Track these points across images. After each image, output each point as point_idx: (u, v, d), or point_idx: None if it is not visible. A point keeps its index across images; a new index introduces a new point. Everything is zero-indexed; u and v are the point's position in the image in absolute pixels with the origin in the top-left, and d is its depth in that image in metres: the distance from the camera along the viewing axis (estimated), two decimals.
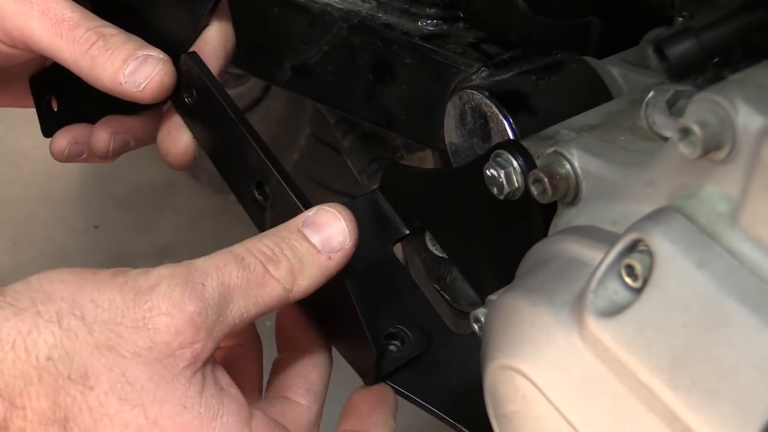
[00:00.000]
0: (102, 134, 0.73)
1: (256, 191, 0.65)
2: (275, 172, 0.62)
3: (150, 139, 0.74)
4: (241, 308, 0.54)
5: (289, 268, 0.55)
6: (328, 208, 0.58)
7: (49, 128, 0.78)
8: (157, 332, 0.50)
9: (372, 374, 0.64)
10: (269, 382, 0.64)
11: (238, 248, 0.55)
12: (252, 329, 0.65)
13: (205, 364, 0.52)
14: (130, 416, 0.49)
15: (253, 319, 0.55)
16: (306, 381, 0.63)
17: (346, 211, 0.58)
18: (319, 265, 0.56)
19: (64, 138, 0.76)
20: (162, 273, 0.52)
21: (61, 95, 0.77)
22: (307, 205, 0.60)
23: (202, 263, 0.54)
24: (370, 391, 0.64)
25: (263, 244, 0.56)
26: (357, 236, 0.58)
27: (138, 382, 0.50)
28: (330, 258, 0.57)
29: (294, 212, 0.59)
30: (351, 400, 0.64)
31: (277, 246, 0.56)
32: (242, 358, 0.63)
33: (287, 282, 0.55)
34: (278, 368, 0.64)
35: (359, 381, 0.66)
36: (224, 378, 0.55)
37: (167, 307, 0.51)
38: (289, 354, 0.64)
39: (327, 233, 0.57)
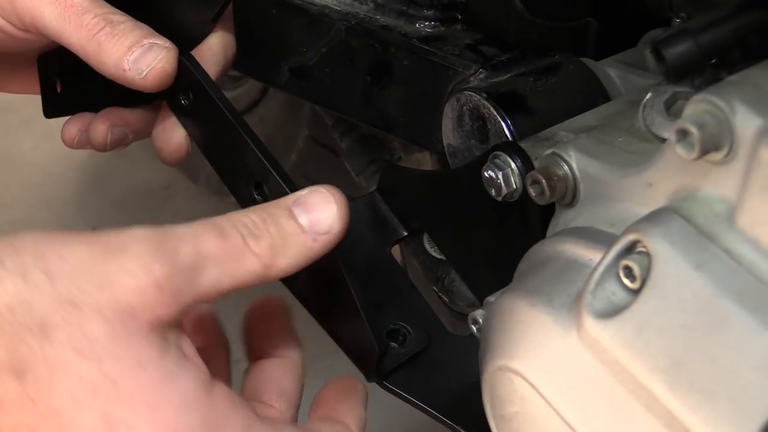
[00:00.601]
0: (100, 126, 0.73)
1: (255, 192, 0.65)
2: (273, 172, 0.62)
3: (148, 132, 0.74)
4: (212, 278, 0.52)
5: (271, 244, 0.54)
6: (321, 189, 0.57)
7: (50, 110, 0.78)
8: (121, 291, 0.49)
9: (375, 371, 0.64)
10: (241, 394, 0.63)
11: (221, 219, 0.54)
12: (219, 331, 0.63)
13: (168, 328, 0.51)
14: (86, 371, 0.48)
15: (226, 291, 0.54)
16: (278, 386, 0.61)
17: (338, 195, 0.56)
18: (302, 246, 0.55)
19: (74, 126, 0.76)
20: (135, 234, 0.51)
21: (66, 79, 0.77)
22: None
23: (180, 229, 0.52)
24: (338, 383, 0.63)
25: (248, 218, 0.54)
26: (346, 221, 0.56)
27: (95, 337, 0.49)
28: (315, 240, 0.55)
29: None
30: (319, 393, 0.63)
31: (263, 222, 0.55)
32: (208, 362, 0.62)
33: (266, 258, 0.54)
34: (249, 377, 0.62)
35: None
36: (189, 347, 0.53)
37: (134, 267, 0.50)
38: (259, 362, 0.63)
39: (316, 215, 0.56)
